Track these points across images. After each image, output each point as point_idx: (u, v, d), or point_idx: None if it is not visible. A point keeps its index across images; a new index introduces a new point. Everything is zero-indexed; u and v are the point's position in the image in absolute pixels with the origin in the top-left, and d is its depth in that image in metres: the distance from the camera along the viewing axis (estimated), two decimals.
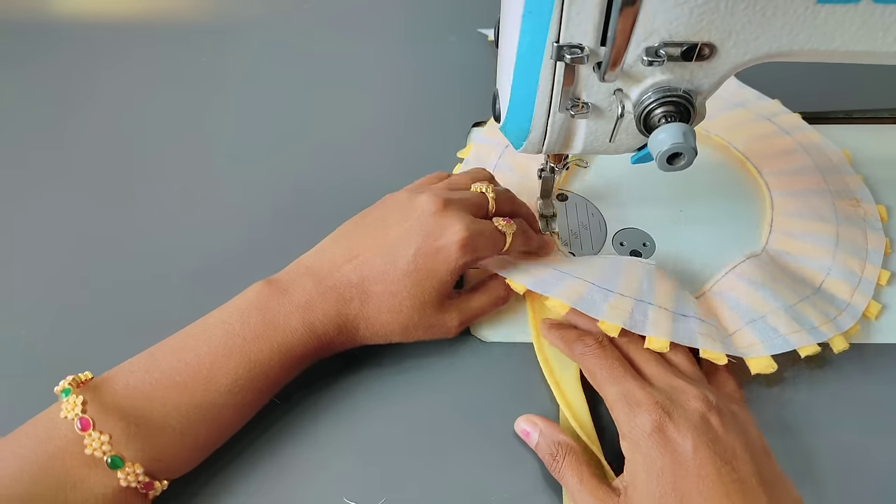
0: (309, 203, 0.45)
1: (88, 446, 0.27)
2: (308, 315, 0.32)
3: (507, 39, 0.29)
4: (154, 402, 0.29)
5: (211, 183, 0.47)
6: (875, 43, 0.27)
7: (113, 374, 0.30)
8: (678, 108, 0.28)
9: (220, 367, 0.30)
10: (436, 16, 0.61)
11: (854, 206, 0.41)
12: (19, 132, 0.51)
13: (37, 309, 0.40)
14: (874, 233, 0.40)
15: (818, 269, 0.39)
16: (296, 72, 0.56)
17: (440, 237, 0.33)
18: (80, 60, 0.57)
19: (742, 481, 0.27)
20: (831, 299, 0.37)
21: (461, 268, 0.34)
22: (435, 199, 0.34)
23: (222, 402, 0.30)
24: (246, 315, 0.32)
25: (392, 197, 0.37)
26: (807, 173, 0.43)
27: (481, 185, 0.37)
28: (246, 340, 0.31)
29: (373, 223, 0.35)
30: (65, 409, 0.28)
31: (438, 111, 0.52)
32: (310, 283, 0.33)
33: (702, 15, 0.26)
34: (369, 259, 0.33)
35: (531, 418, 0.33)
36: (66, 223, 0.45)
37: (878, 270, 0.39)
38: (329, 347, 0.34)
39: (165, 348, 0.31)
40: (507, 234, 0.35)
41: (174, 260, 0.42)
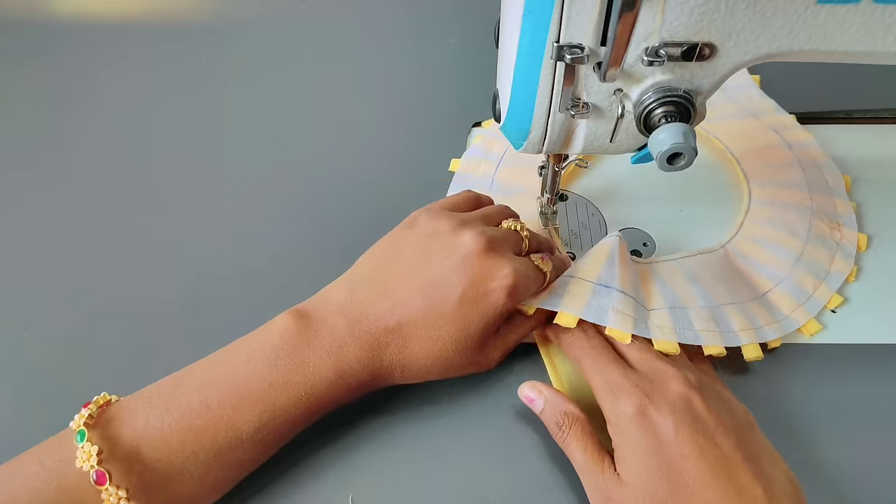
0: (309, 203, 0.45)
1: (106, 501, 0.26)
2: (339, 362, 0.30)
3: (507, 39, 0.29)
4: (172, 445, 0.28)
5: (210, 182, 0.47)
6: (875, 43, 0.27)
7: (130, 407, 0.29)
8: (678, 108, 0.28)
9: (242, 414, 0.29)
10: (436, 16, 0.61)
11: (832, 229, 0.41)
12: (19, 132, 0.51)
13: (37, 309, 0.40)
14: (843, 258, 0.40)
15: (769, 277, 0.39)
16: (295, 72, 0.56)
17: (488, 280, 0.31)
18: (79, 60, 0.57)
19: (725, 457, 0.28)
20: (770, 308, 0.37)
21: (508, 312, 0.33)
22: (480, 238, 0.32)
23: (243, 447, 0.29)
24: (273, 358, 0.30)
25: (425, 223, 0.34)
26: (794, 188, 0.43)
27: (514, 223, 0.36)
28: (272, 387, 0.29)
29: (409, 257, 0.33)
30: (80, 459, 0.26)
31: (438, 111, 0.52)
32: (342, 326, 0.31)
33: (702, 15, 0.26)
34: (407, 301, 0.31)
35: (536, 385, 0.33)
36: (66, 223, 0.45)
37: (832, 294, 0.39)
38: (359, 392, 0.32)
39: (189, 382, 0.30)
40: (546, 271, 0.35)
41: (174, 260, 0.42)
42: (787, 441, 0.31)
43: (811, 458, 0.33)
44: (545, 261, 0.35)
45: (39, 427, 0.29)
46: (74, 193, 0.46)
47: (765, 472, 0.28)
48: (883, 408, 0.35)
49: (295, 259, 0.41)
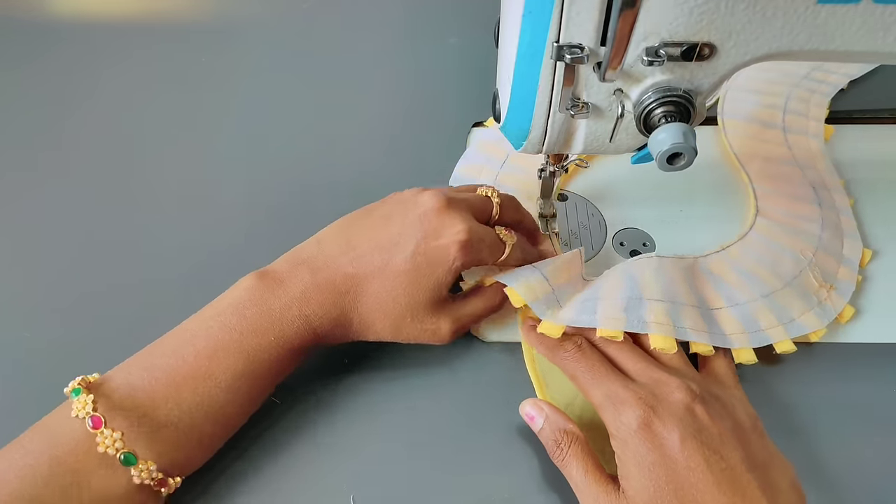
0: (309, 203, 0.45)
1: (101, 444, 0.27)
2: (304, 307, 0.32)
3: (507, 39, 0.29)
4: (156, 400, 0.29)
5: (210, 182, 0.47)
6: (875, 43, 0.27)
7: (113, 374, 0.30)
8: (678, 108, 0.28)
9: (218, 363, 0.30)
10: (436, 16, 0.61)
11: (821, 287, 0.38)
12: (19, 132, 0.51)
13: (37, 309, 0.40)
14: (817, 317, 0.37)
15: (725, 297, 0.37)
16: (295, 72, 0.56)
17: (441, 236, 0.33)
18: (79, 60, 0.57)
19: (731, 468, 0.28)
20: (710, 323, 0.36)
21: (459, 268, 0.33)
22: (438, 197, 0.34)
23: (223, 397, 0.30)
24: (241, 309, 0.31)
25: (396, 194, 0.36)
26: (804, 222, 0.42)
27: (487, 190, 0.37)
28: (243, 335, 0.31)
29: (374, 218, 0.35)
30: (76, 408, 0.27)
31: (438, 111, 0.52)
32: (306, 275, 0.33)
33: (702, 15, 0.26)
34: (367, 253, 0.33)
35: (537, 402, 0.33)
36: (66, 223, 0.45)
37: (786, 339, 0.36)
38: (324, 340, 0.33)
39: (164, 346, 0.31)
40: (508, 244, 0.35)
41: (174, 259, 0.42)
42: (787, 441, 0.31)
43: (811, 458, 0.33)
44: (509, 233, 0.36)
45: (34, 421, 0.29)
46: (74, 193, 0.46)
47: (771, 482, 0.28)
48: (883, 408, 0.35)
49: None
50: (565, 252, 0.41)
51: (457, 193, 0.36)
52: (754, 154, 0.46)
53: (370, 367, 0.36)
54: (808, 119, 0.48)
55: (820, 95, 0.50)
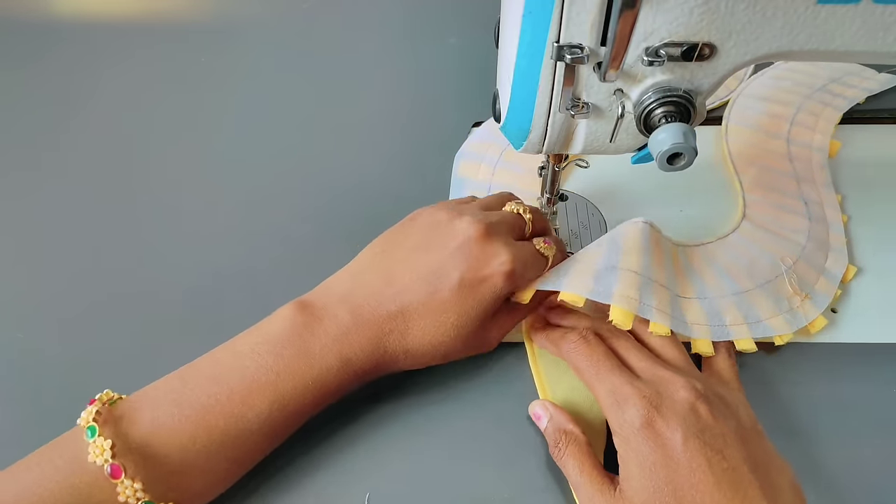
0: (309, 203, 0.45)
1: (121, 494, 0.26)
2: (344, 349, 0.31)
3: (507, 39, 0.29)
4: (183, 440, 0.28)
5: (211, 182, 0.47)
6: (875, 43, 0.27)
7: (139, 403, 0.29)
8: (678, 108, 0.28)
9: (251, 405, 0.29)
10: (436, 16, 0.61)
11: (795, 295, 0.38)
12: (19, 132, 0.51)
13: (39, 310, 0.40)
14: (787, 322, 0.37)
15: (696, 289, 0.37)
16: (296, 72, 0.56)
17: (485, 266, 0.32)
18: (80, 60, 0.57)
19: (733, 469, 0.28)
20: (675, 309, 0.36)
21: (505, 296, 0.33)
22: (478, 224, 0.33)
23: (252, 438, 0.29)
24: (279, 348, 0.30)
25: (426, 216, 0.35)
26: (789, 232, 0.41)
27: (517, 206, 0.36)
28: (279, 377, 0.30)
29: (409, 246, 0.34)
30: (92, 454, 0.26)
31: (438, 111, 0.52)
32: (346, 314, 0.31)
33: (702, 15, 0.26)
34: (409, 287, 0.32)
35: (544, 403, 0.33)
36: (66, 223, 0.45)
37: (748, 338, 0.36)
38: (364, 378, 0.33)
39: (195, 378, 0.30)
40: (549, 256, 0.35)
41: (174, 259, 0.42)
42: (786, 441, 0.31)
43: (811, 458, 0.33)
44: (548, 245, 0.35)
45: (43, 426, 0.29)
46: (76, 193, 0.46)
47: (771, 482, 0.28)
48: (883, 408, 0.35)
49: (295, 258, 0.41)
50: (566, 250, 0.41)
51: (491, 216, 0.35)
52: (752, 162, 0.46)
53: None
54: (815, 132, 0.48)
55: (833, 109, 0.49)
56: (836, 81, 0.51)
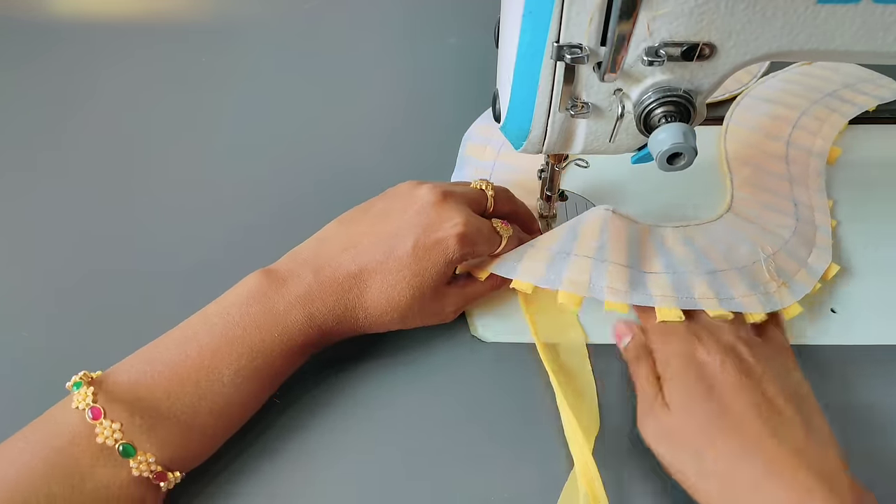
0: (309, 203, 0.45)
1: (100, 434, 0.27)
2: (308, 306, 0.32)
3: (507, 39, 0.29)
4: (158, 394, 0.29)
5: (210, 182, 0.47)
6: (875, 43, 0.27)
7: (115, 369, 0.30)
8: (678, 108, 0.28)
9: (221, 358, 0.30)
10: (435, 16, 0.61)
11: (772, 280, 0.37)
12: (19, 132, 0.51)
13: (38, 309, 0.40)
14: (760, 303, 0.36)
15: (664, 263, 0.37)
16: (296, 72, 0.56)
17: (439, 229, 0.33)
18: (79, 60, 0.57)
19: (769, 401, 0.30)
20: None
21: (458, 259, 0.34)
22: (435, 191, 0.35)
23: (226, 392, 0.30)
24: (245, 306, 0.32)
25: (393, 189, 0.37)
26: (773, 228, 0.41)
27: (481, 183, 0.38)
28: (246, 331, 0.31)
29: (373, 214, 0.35)
30: (76, 400, 0.28)
31: (438, 111, 0.52)
32: (309, 274, 0.33)
33: (702, 15, 0.26)
34: (368, 249, 0.33)
35: (632, 325, 0.36)
36: (66, 223, 0.45)
37: (719, 311, 0.35)
38: (330, 336, 0.34)
39: (167, 341, 0.31)
40: (504, 236, 0.36)
41: (174, 259, 0.42)
42: None
43: None
44: (505, 226, 0.36)
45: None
46: (74, 193, 0.46)
47: (807, 417, 0.30)
48: (883, 408, 0.35)
49: None
50: None
51: (452, 187, 0.36)
52: (747, 162, 0.46)
53: (369, 367, 0.36)
54: (817, 137, 0.47)
55: (839, 116, 0.48)
56: (849, 87, 0.50)
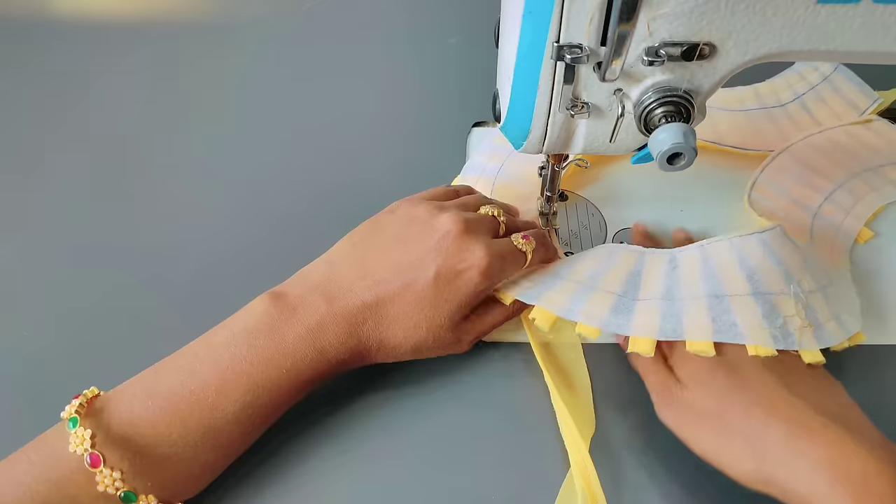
0: (308, 204, 0.45)
1: (100, 483, 0.26)
2: (319, 339, 0.31)
3: (507, 39, 0.29)
4: (159, 430, 0.28)
5: (209, 183, 0.47)
6: (875, 43, 0.27)
7: (116, 398, 0.29)
8: (678, 108, 0.28)
9: (226, 395, 0.29)
10: (436, 16, 0.61)
11: (797, 317, 0.33)
12: (19, 132, 0.51)
13: (35, 310, 0.40)
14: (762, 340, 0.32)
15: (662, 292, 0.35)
16: (296, 72, 0.56)
17: (462, 261, 0.32)
18: (79, 60, 0.57)
19: (786, 364, 0.31)
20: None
21: (481, 293, 0.33)
22: (457, 220, 0.33)
23: (230, 429, 0.29)
24: (253, 338, 0.30)
25: (405, 209, 0.35)
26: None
27: (491, 209, 0.37)
28: (253, 366, 0.30)
29: (388, 239, 0.34)
30: (73, 444, 0.26)
31: (438, 111, 0.52)
32: (321, 304, 0.31)
33: (702, 15, 0.26)
34: (385, 279, 0.32)
35: None
36: (65, 223, 0.45)
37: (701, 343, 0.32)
38: (339, 369, 0.33)
39: (170, 370, 0.30)
40: (528, 251, 0.35)
41: (174, 260, 0.42)
42: None
43: None
44: (527, 240, 0.35)
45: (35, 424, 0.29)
46: (75, 193, 0.46)
47: (830, 395, 0.30)
48: (883, 408, 0.35)
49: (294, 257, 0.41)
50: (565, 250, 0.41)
51: (470, 216, 0.35)
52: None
53: (369, 368, 0.36)
54: (848, 215, 0.43)
55: (877, 195, 0.44)
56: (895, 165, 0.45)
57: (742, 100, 0.51)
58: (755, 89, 0.51)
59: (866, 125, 0.48)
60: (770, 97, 0.51)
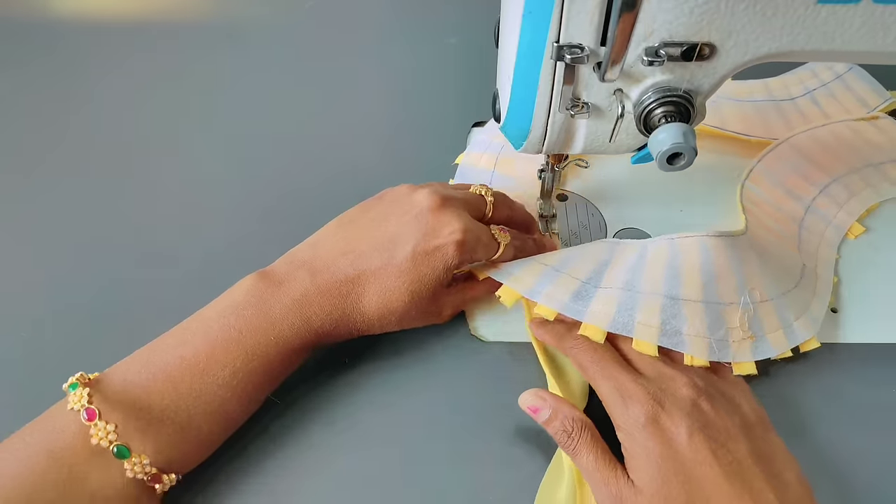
0: (309, 203, 0.45)
1: (94, 435, 0.27)
2: (304, 310, 0.32)
3: (507, 39, 0.29)
4: (152, 396, 0.29)
5: (209, 182, 0.47)
6: (875, 43, 0.27)
7: (111, 371, 0.30)
8: (678, 108, 0.28)
9: (217, 360, 0.30)
10: (436, 16, 0.61)
11: (739, 329, 0.34)
12: (19, 132, 0.51)
13: (35, 309, 0.40)
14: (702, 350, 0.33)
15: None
16: (296, 72, 0.56)
17: (438, 235, 0.33)
18: (79, 60, 0.57)
19: (738, 462, 0.28)
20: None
21: (456, 266, 0.34)
22: (434, 196, 0.34)
23: (222, 394, 0.30)
24: (241, 309, 0.31)
25: (391, 191, 0.37)
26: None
27: (480, 188, 0.38)
28: (242, 334, 0.31)
29: (371, 217, 0.35)
30: (72, 401, 0.28)
31: (438, 111, 0.52)
32: (306, 277, 0.33)
33: (702, 15, 0.26)
34: (366, 253, 0.33)
35: (539, 393, 0.32)
36: (65, 223, 0.45)
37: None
38: (326, 339, 0.34)
39: (163, 344, 0.31)
40: (501, 243, 0.36)
41: (173, 258, 0.42)
42: (786, 441, 0.31)
43: (811, 458, 0.33)
44: (503, 232, 0.36)
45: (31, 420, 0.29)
46: (73, 193, 0.46)
47: (777, 475, 0.29)
48: (883, 408, 0.35)
49: None
50: None
51: (451, 191, 0.36)
52: (759, 223, 0.41)
53: (367, 367, 0.36)
54: (841, 209, 0.42)
55: (872, 191, 0.43)
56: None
57: (751, 91, 0.51)
58: (765, 83, 0.52)
59: (872, 122, 0.48)
60: (780, 91, 0.51)
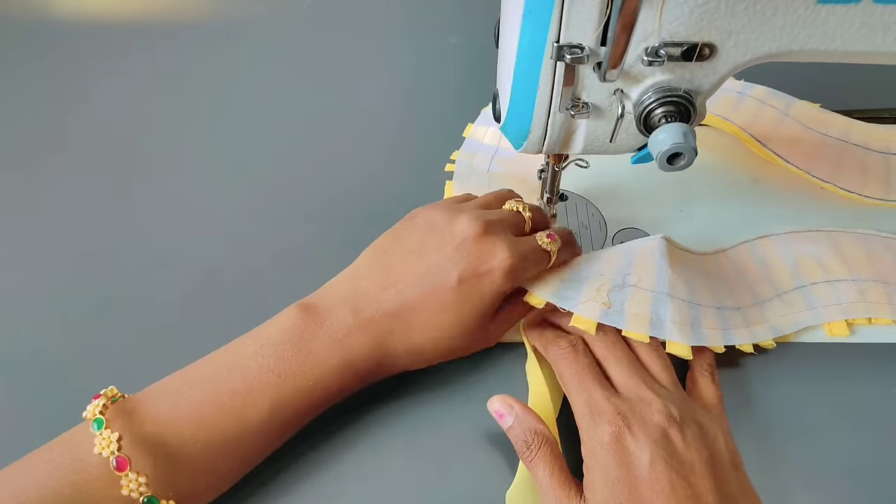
0: (309, 203, 0.45)
1: (125, 487, 0.26)
2: (345, 350, 0.31)
3: (507, 39, 0.29)
4: (184, 437, 0.28)
5: (211, 182, 0.47)
6: (875, 43, 0.27)
7: (143, 401, 0.29)
8: (678, 108, 0.28)
9: (252, 406, 0.29)
10: (436, 16, 0.61)
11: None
12: (19, 133, 0.51)
13: (35, 310, 0.40)
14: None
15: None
16: (296, 72, 0.56)
17: (484, 263, 0.32)
18: (78, 61, 0.57)
19: (697, 497, 0.27)
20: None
21: (505, 293, 0.33)
22: (475, 223, 0.33)
23: (252, 438, 0.29)
24: (281, 349, 0.30)
25: (424, 216, 0.35)
26: None
27: (515, 204, 0.36)
28: (281, 378, 0.30)
29: (409, 248, 0.34)
30: (99, 446, 0.26)
31: (439, 110, 0.52)
32: (347, 315, 0.31)
33: (702, 15, 0.26)
34: (408, 287, 0.32)
35: (507, 400, 0.32)
36: (65, 223, 0.45)
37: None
38: (367, 379, 0.33)
39: (196, 376, 0.30)
40: (552, 251, 0.34)
41: (176, 259, 0.42)
42: (784, 441, 0.31)
43: (810, 458, 0.33)
44: (552, 240, 0.34)
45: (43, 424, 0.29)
46: (76, 193, 0.46)
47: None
48: (883, 408, 0.35)
49: (295, 257, 0.41)
50: None
51: (490, 214, 0.34)
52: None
53: None
54: (840, 305, 0.39)
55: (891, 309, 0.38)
56: None
57: (827, 125, 0.47)
58: (851, 123, 0.48)
59: None
60: (880, 142, 0.47)
